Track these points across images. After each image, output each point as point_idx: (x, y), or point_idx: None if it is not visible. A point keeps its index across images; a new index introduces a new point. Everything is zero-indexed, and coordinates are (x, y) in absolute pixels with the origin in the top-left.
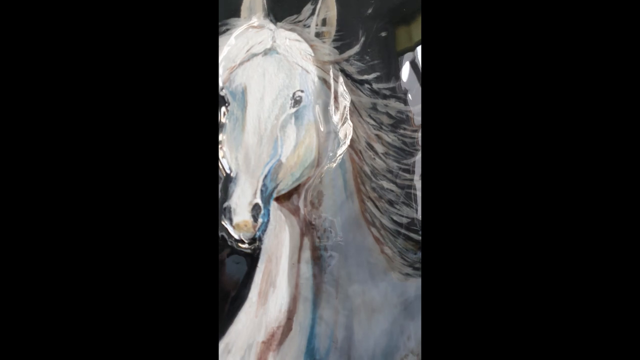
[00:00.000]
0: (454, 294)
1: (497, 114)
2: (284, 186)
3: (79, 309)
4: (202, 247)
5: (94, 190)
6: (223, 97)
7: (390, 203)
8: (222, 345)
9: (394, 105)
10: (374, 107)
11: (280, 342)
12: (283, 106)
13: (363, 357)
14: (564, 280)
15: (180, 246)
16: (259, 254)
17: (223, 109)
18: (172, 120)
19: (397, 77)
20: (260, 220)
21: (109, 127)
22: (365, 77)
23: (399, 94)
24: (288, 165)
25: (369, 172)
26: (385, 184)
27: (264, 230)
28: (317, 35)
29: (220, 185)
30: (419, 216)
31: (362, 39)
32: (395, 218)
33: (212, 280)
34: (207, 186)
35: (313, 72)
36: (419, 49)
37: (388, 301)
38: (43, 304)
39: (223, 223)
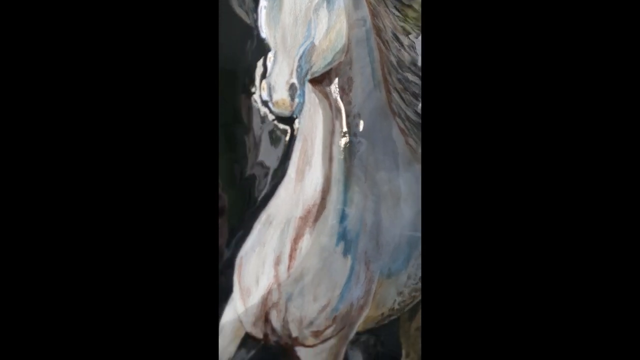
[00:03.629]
0: (454, 294)
1: (497, 114)
2: (317, 69)
3: (75, 298)
4: (202, 245)
5: (93, 186)
6: None
7: (415, 96)
8: (263, 217)
9: None
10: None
11: (316, 219)
12: None
13: (390, 244)
14: (565, 278)
15: (180, 243)
16: (295, 133)
17: None
18: (171, 110)
19: None
20: (296, 100)
21: (104, 119)
22: None
23: None
24: (320, 49)
25: (395, 63)
26: (410, 77)
27: (300, 111)
28: None
29: (260, 61)
30: None
31: None
32: (418, 111)
33: (212, 278)
34: (207, 183)
35: None
36: None
37: (412, 192)
38: (42, 304)
39: (260, 99)
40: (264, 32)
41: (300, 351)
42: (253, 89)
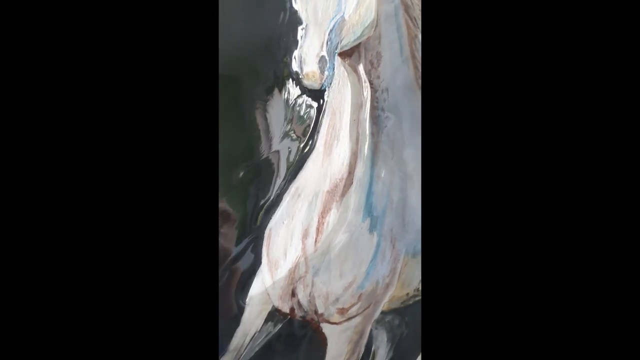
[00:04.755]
0: (454, 294)
1: (498, 114)
2: (347, 42)
3: (74, 295)
4: (202, 241)
5: (92, 184)
6: None
7: None
8: (292, 189)
9: None
10: None
11: (343, 194)
12: None
13: (415, 223)
14: (566, 278)
15: (180, 240)
16: (324, 106)
17: None
18: (170, 104)
19: None
20: (326, 72)
21: (101, 115)
22: None
23: None
24: (350, 23)
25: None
26: None
27: (330, 84)
28: None
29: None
30: None
31: None
32: None
33: (212, 275)
34: (206, 180)
35: None
36: None
37: None
38: (41, 304)
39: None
40: (296, 5)
41: (326, 328)
42: (286, 60)
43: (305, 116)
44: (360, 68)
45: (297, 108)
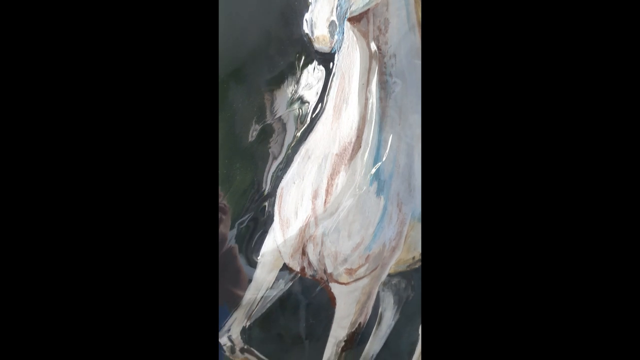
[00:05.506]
0: (454, 294)
1: (497, 115)
2: (355, 8)
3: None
4: (202, 238)
5: (92, 182)
6: None
7: None
8: (302, 150)
9: None
10: None
11: (351, 157)
12: None
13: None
14: (571, 274)
15: (180, 235)
16: (334, 70)
17: None
18: (169, 103)
19: None
20: (335, 37)
21: (99, 113)
22: None
23: None
24: None
25: None
26: None
27: (339, 48)
28: None
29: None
30: None
31: None
32: None
33: (213, 270)
34: (206, 175)
35: None
36: None
37: None
38: (41, 304)
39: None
40: None
41: (335, 288)
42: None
43: (315, 79)
44: (369, 33)
45: (308, 71)
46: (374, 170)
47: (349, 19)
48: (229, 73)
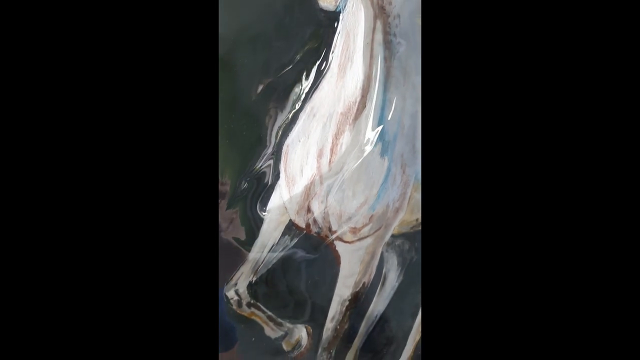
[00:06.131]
0: (455, 294)
1: (498, 116)
2: None
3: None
4: (201, 235)
5: (92, 182)
6: None
7: None
8: (307, 108)
9: None
10: None
11: (356, 117)
12: None
13: None
14: (567, 279)
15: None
16: (339, 28)
17: None
18: (169, 102)
19: None
20: None
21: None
22: None
23: None
24: None
25: None
26: None
27: (344, 7)
28: None
29: None
30: None
31: None
32: None
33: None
34: (206, 171)
35: None
36: None
37: None
38: (40, 304)
39: None
40: None
41: (339, 246)
42: None
43: (320, 38)
44: None
45: (313, 29)
46: (378, 129)
47: None
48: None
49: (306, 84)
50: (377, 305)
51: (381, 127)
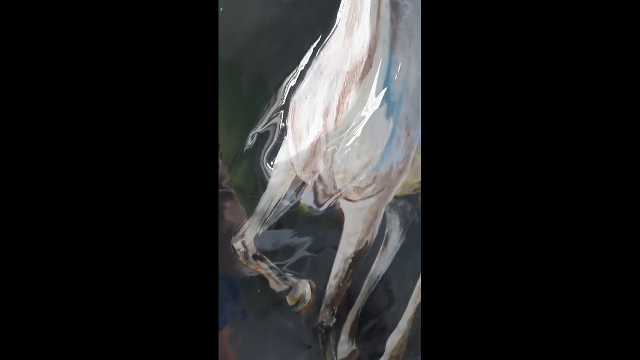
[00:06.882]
0: (455, 293)
1: (497, 117)
2: None
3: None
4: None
5: (92, 181)
6: None
7: None
8: (315, 65)
9: None
10: None
11: (362, 77)
12: None
13: None
14: (567, 280)
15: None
16: None
17: None
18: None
19: None
20: None
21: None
22: None
23: None
24: None
25: None
26: None
27: None
28: None
29: None
30: None
31: None
32: None
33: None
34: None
35: None
36: None
37: None
38: (40, 303)
39: None
40: None
41: (344, 204)
42: None
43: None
44: None
45: None
46: (384, 91)
47: None
48: None
49: (313, 42)
50: (380, 266)
51: (386, 88)
